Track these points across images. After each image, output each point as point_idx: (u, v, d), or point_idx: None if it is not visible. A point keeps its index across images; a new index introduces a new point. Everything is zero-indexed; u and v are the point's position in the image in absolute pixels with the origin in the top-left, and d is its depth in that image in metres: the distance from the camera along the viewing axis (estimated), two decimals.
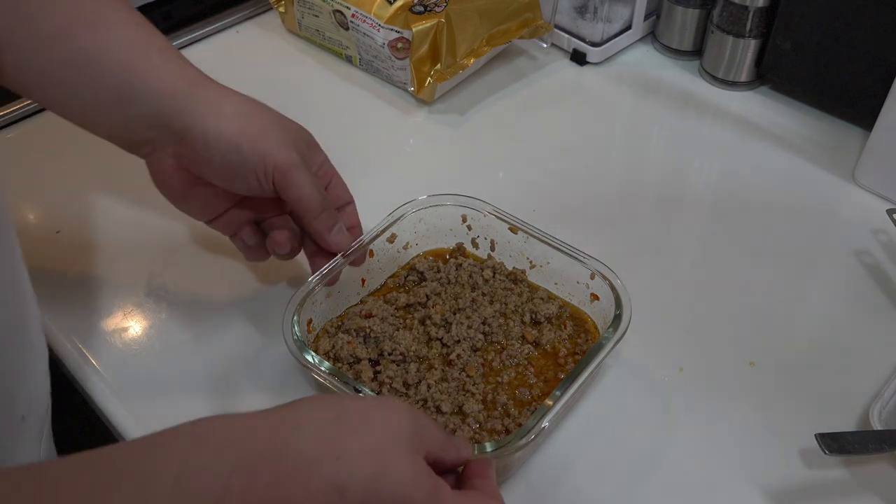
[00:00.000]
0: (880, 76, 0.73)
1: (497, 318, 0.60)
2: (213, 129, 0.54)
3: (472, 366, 0.58)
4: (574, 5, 0.89)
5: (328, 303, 0.60)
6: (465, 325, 0.59)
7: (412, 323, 0.60)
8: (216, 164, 0.55)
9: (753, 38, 0.83)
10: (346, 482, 0.37)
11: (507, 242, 0.64)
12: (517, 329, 0.60)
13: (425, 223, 0.65)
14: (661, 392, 0.60)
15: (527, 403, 0.56)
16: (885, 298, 0.66)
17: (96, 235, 0.70)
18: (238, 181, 0.56)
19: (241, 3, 0.95)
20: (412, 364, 0.57)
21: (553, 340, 0.60)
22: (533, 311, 0.61)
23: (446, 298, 0.61)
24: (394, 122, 0.83)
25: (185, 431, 0.38)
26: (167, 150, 0.56)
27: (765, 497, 0.54)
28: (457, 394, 0.56)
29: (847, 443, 0.52)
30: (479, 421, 0.55)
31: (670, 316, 0.65)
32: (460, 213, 0.65)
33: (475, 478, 0.45)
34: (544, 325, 0.61)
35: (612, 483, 0.55)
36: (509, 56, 0.90)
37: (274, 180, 0.55)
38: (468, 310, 0.60)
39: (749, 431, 0.58)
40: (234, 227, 0.60)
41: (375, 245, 0.62)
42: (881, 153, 0.73)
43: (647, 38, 0.93)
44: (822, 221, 0.73)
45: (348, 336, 0.58)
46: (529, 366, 0.58)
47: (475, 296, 0.62)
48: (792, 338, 0.64)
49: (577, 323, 0.62)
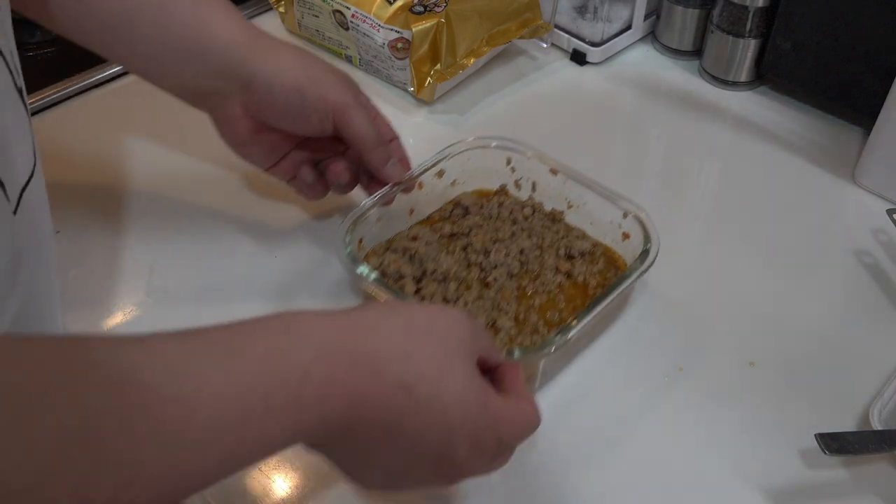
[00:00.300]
0: (880, 76, 0.73)
1: (533, 250, 0.64)
2: (275, 75, 0.59)
3: (507, 289, 0.62)
4: (574, 5, 0.89)
5: (378, 227, 0.65)
6: (503, 253, 0.63)
7: (454, 249, 0.64)
8: (280, 109, 0.60)
9: (753, 38, 0.83)
10: (412, 382, 0.41)
11: (548, 185, 0.68)
12: (551, 261, 0.64)
13: (472, 163, 0.69)
14: (661, 392, 0.60)
15: (555, 324, 0.60)
16: (885, 298, 0.66)
17: (96, 235, 0.70)
18: (300, 123, 0.61)
19: (241, 3, 0.95)
20: (452, 283, 0.61)
21: (584, 273, 0.63)
22: (567, 246, 0.65)
23: (487, 230, 0.65)
24: (394, 122, 0.83)
25: (272, 319, 0.40)
26: (233, 98, 0.60)
27: (765, 497, 0.54)
28: (491, 311, 0.60)
29: (847, 443, 0.52)
30: (510, 335, 0.58)
31: (670, 316, 0.65)
32: (505, 155, 0.69)
33: (506, 380, 0.48)
34: (577, 260, 0.64)
35: (613, 478, 0.55)
36: (509, 56, 0.90)
37: (333, 119, 0.60)
38: (507, 241, 0.65)
39: (749, 431, 0.58)
40: (294, 169, 0.65)
41: (425, 178, 0.67)
42: (881, 153, 0.73)
43: (647, 38, 0.93)
44: (822, 221, 0.73)
45: (395, 255, 0.62)
46: (560, 293, 0.62)
47: (514, 230, 0.66)
48: (792, 338, 0.64)
49: (608, 260, 0.65)
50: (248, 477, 0.55)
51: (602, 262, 0.65)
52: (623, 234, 0.64)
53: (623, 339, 0.63)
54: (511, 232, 0.65)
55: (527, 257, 0.64)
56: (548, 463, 0.56)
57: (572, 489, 0.55)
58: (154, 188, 0.73)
